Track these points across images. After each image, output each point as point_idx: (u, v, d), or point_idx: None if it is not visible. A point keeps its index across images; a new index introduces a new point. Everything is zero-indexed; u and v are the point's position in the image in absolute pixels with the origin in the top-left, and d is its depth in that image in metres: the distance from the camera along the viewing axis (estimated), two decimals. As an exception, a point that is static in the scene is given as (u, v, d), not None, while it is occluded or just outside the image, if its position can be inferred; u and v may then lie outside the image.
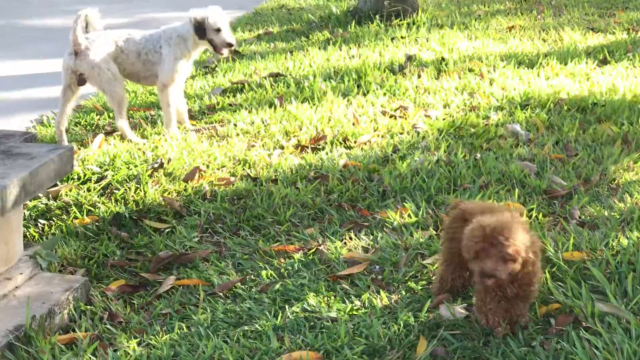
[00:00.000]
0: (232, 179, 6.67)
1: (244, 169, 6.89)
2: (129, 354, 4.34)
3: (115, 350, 4.37)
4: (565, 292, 4.44)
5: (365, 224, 5.79)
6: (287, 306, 4.66)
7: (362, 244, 5.42)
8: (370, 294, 4.68)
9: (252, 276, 5.13)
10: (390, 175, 6.51)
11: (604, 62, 10.12)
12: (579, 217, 5.59)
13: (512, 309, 4.23)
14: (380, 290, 4.72)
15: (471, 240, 4.01)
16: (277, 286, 4.92)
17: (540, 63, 10.03)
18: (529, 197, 6.03)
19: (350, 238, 5.53)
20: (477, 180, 6.41)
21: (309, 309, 4.60)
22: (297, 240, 5.57)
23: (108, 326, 4.66)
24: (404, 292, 4.69)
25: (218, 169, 6.87)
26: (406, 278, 4.88)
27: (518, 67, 9.91)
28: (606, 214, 5.53)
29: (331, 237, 5.53)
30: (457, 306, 4.48)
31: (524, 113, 7.97)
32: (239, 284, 5.04)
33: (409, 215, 5.77)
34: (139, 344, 4.45)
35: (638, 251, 4.70)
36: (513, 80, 9.29)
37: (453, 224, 4.46)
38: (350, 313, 4.54)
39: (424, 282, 4.80)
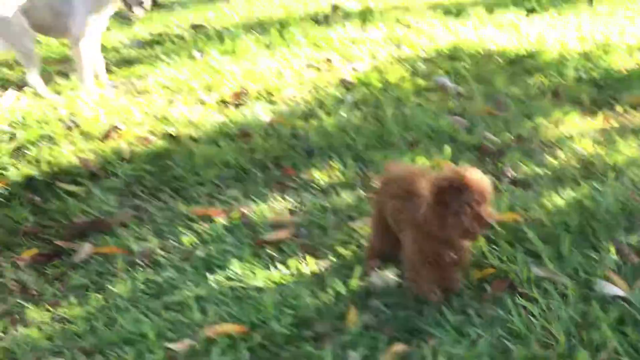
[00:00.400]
0: (152, 137, 6.39)
1: (164, 127, 6.56)
2: (41, 329, 4.07)
3: (26, 326, 4.09)
4: (500, 256, 4.29)
5: (291, 184, 5.58)
6: (210, 275, 4.41)
7: (288, 206, 5.21)
8: (297, 261, 4.46)
9: (173, 242, 4.86)
10: (316, 132, 6.27)
11: (532, 11, 9.95)
12: (512, 176, 5.42)
13: (446, 275, 4.06)
14: (308, 257, 4.50)
15: (439, 197, 3.77)
16: (200, 253, 4.66)
17: (468, 12, 9.83)
18: (460, 154, 5.86)
19: (276, 199, 5.29)
20: (407, 136, 6.20)
21: (234, 277, 4.38)
22: (220, 203, 5.33)
23: (19, 300, 4.37)
24: (333, 258, 4.49)
25: (137, 127, 6.55)
26: (335, 243, 4.66)
27: (445, 17, 9.68)
28: (539, 171, 5.37)
29: (256, 199, 5.29)
30: (389, 273, 4.28)
31: (452, 65, 7.77)
32: (160, 251, 4.76)
33: (337, 175, 5.54)
34: (52, 318, 4.19)
35: (573, 211, 4.54)
36: (440, 30, 9.07)
37: (382, 187, 4.26)
38: (277, 281, 4.31)
39: (353, 247, 4.60)
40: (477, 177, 3.71)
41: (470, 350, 3.63)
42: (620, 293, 3.83)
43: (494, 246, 4.39)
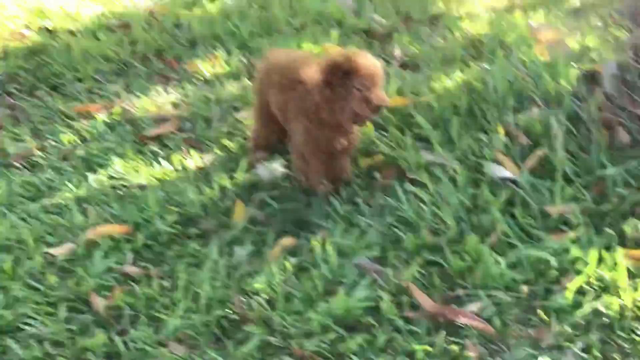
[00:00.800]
0: (27, 32, 6.04)
1: (39, 21, 6.23)
2: None
3: None
4: (389, 143, 4.18)
5: (174, 76, 5.38)
6: (91, 174, 4.21)
7: (171, 99, 5.02)
8: (181, 156, 4.29)
9: (52, 142, 4.63)
10: (199, 21, 6.02)
11: None
12: (400, 58, 5.31)
13: (335, 164, 3.94)
14: (192, 151, 4.33)
15: (328, 80, 3.63)
16: (80, 152, 4.45)
17: None
18: (348, 38, 5.70)
19: (159, 93, 5.07)
20: (293, 21, 6.01)
21: (116, 176, 4.20)
22: (101, 99, 5.10)
23: None
24: (218, 151, 4.34)
25: (10, 22, 6.19)
26: (220, 135, 4.50)
27: None
28: (428, 53, 5.26)
29: (137, 94, 5.08)
30: (276, 164, 4.15)
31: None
32: (38, 151, 4.53)
33: (221, 65, 5.34)
34: None
35: (461, 93, 4.45)
36: None
37: (262, 76, 4.09)
38: (161, 178, 4.14)
39: (239, 139, 4.45)
40: (367, 60, 3.58)
41: (359, 240, 3.53)
42: (509, 175, 3.77)
43: (383, 132, 4.27)
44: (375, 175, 3.99)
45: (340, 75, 3.55)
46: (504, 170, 3.79)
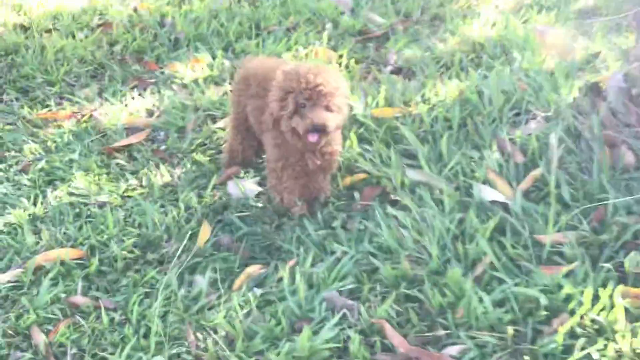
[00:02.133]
0: (1, 30, 5.79)
1: (16, 17, 5.99)
2: None
3: None
4: (373, 159, 3.91)
5: (151, 80, 5.11)
6: (50, 190, 3.96)
7: (146, 106, 4.74)
8: (149, 170, 4.04)
9: (13, 152, 4.38)
10: (184, 19, 5.76)
11: None
12: (395, 63, 5.03)
13: (312, 183, 3.68)
14: (161, 164, 4.08)
15: (288, 90, 3.38)
16: (42, 164, 4.20)
17: None
18: (342, 40, 5.44)
19: (133, 98, 4.83)
20: (285, 21, 5.74)
21: (76, 192, 3.94)
22: (71, 105, 4.85)
23: None
24: (188, 165, 4.10)
25: (-16, 17, 5.98)
26: (192, 147, 4.26)
27: None
28: (425, 57, 4.98)
29: (110, 99, 4.81)
30: (249, 181, 3.89)
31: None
32: (-4, 162, 4.31)
33: (202, 69, 5.08)
34: None
35: (455, 104, 4.17)
36: None
37: (239, 86, 3.84)
38: (125, 194, 3.88)
39: (212, 152, 4.20)
40: (316, 75, 3.31)
41: (332, 269, 3.27)
42: (500, 198, 3.48)
43: (367, 147, 4.00)
44: (355, 196, 3.70)
45: (286, 90, 3.32)
46: (494, 193, 3.52)
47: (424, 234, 3.37)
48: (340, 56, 5.11)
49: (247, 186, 3.85)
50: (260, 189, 3.83)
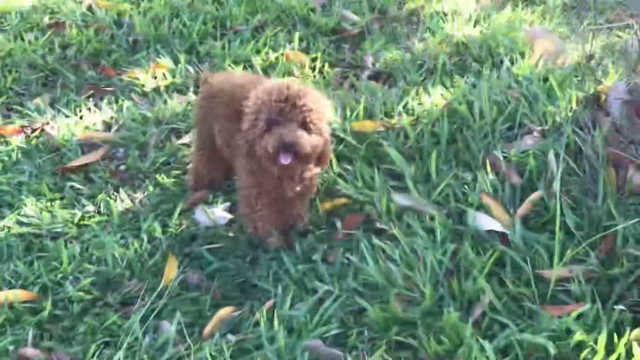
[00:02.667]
0: (-57, 31, 5.46)
1: (-40, 17, 5.65)
2: None
3: None
4: (355, 181, 3.62)
5: (109, 88, 4.80)
6: (-3, 218, 3.66)
7: (103, 118, 4.42)
8: (107, 194, 3.73)
9: (-46, 171, 4.08)
10: (143, 19, 5.43)
11: None
12: (373, 65, 4.74)
13: (288, 210, 3.40)
14: (121, 188, 3.77)
15: (259, 108, 3.08)
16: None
17: None
18: (314, 40, 5.15)
19: (89, 109, 4.51)
20: (252, 19, 5.43)
21: (26, 221, 3.62)
22: (19, 117, 4.52)
23: None
24: (151, 188, 3.81)
25: None
26: (155, 167, 3.96)
27: None
28: (406, 60, 4.69)
29: (64, 110, 4.49)
30: (218, 207, 3.60)
31: None
32: None
33: (164, 75, 4.77)
34: None
35: (443, 117, 3.89)
36: None
37: (204, 103, 3.53)
38: (81, 222, 3.58)
39: (177, 172, 3.89)
40: (295, 89, 3.04)
41: (314, 311, 2.98)
42: (497, 227, 3.21)
43: (348, 167, 3.71)
44: (336, 224, 3.42)
45: (256, 110, 3.06)
46: (491, 221, 3.25)
47: (414, 268, 3.09)
48: (314, 59, 4.81)
49: (216, 213, 3.57)
50: (231, 216, 3.55)
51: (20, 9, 5.73)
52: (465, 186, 3.48)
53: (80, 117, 4.45)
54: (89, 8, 5.73)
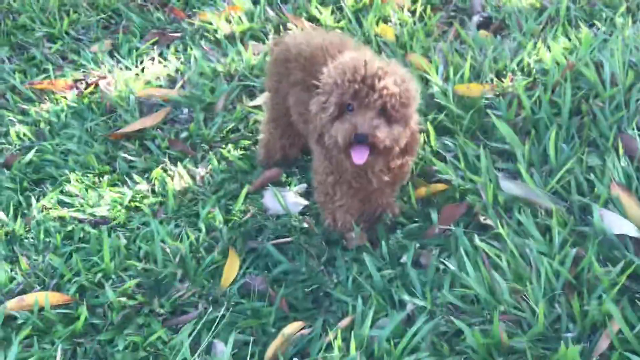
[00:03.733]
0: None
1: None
2: None
3: None
4: (455, 161, 3.10)
5: (177, 33, 4.33)
6: (36, 194, 3.28)
7: (167, 71, 3.97)
8: (163, 169, 3.30)
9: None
10: None
11: None
12: (483, 9, 4.17)
13: (374, 199, 2.91)
14: (179, 162, 3.33)
15: (330, 89, 2.60)
16: (30, 156, 3.49)
17: None
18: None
19: (152, 60, 4.07)
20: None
21: (68, 200, 3.24)
22: (73, 69, 4.10)
23: None
24: (215, 162, 3.36)
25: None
26: (222, 135, 3.48)
27: None
28: (522, 4, 4.11)
29: (124, 61, 4.06)
30: (291, 191, 3.13)
31: None
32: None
33: (239, 19, 4.28)
34: None
35: (566, 81, 3.33)
36: None
37: (277, 69, 3.04)
38: (130, 204, 3.19)
39: (247, 142, 3.43)
40: (377, 67, 2.54)
41: (400, 333, 2.52)
42: (631, 231, 2.69)
43: (447, 141, 3.20)
44: (431, 216, 2.91)
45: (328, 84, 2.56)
46: (622, 222, 2.70)
47: (524, 279, 2.57)
48: (414, 1, 4.25)
49: (288, 199, 3.10)
50: (306, 202, 3.07)
51: None
52: (591, 173, 2.91)
53: (142, 70, 3.99)
54: None
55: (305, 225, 3.06)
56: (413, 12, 4.25)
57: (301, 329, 2.70)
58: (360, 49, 2.86)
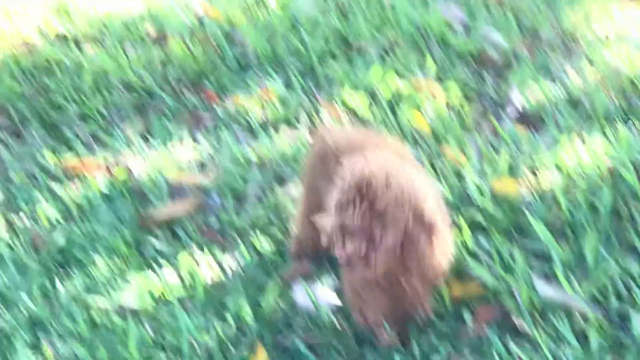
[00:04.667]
0: (38, 42, 5.08)
1: (59, 24, 5.27)
2: None
3: None
4: (490, 261, 3.03)
5: (209, 116, 4.34)
6: (60, 276, 3.22)
7: (199, 155, 3.95)
8: (191, 258, 3.25)
9: (24, 216, 3.66)
10: (257, 32, 4.94)
11: None
12: (520, 106, 4.14)
13: (406, 296, 2.83)
14: (209, 251, 3.27)
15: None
16: (59, 238, 3.48)
17: None
18: (452, 67, 4.55)
19: (184, 142, 4.06)
20: (380, 37, 4.88)
21: (91, 287, 3.18)
22: (103, 148, 4.07)
23: None
24: (245, 253, 3.28)
25: (25, 24, 5.27)
26: (252, 223, 3.43)
27: None
28: (558, 96, 4.07)
29: (154, 143, 4.03)
30: (322, 286, 3.06)
31: None
32: (2, 230, 3.63)
33: (273, 104, 4.27)
34: None
35: (604, 183, 3.27)
36: None
37: (314, 163, 3.01)
38: (157, 297, 3.11)
39: (278, 233, 3.37)
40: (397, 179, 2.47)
41: None
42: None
43: (483, 240, 3.13)
44: (464, 317, 2.84)
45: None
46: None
47: (561, 389, 2.50)
48: (448, 91, 4.23)
49: (319, 294, 3.02)
50: (337, 301, 2.99)
51: (125, 18, 5.30)
52: (631, 280, 2.83)
53: (173, 153, 3.96)
54: (199, 20, 5.26)
55: (336, 322, 2.99)
56: (447, 105, 4.22)
57: None
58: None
